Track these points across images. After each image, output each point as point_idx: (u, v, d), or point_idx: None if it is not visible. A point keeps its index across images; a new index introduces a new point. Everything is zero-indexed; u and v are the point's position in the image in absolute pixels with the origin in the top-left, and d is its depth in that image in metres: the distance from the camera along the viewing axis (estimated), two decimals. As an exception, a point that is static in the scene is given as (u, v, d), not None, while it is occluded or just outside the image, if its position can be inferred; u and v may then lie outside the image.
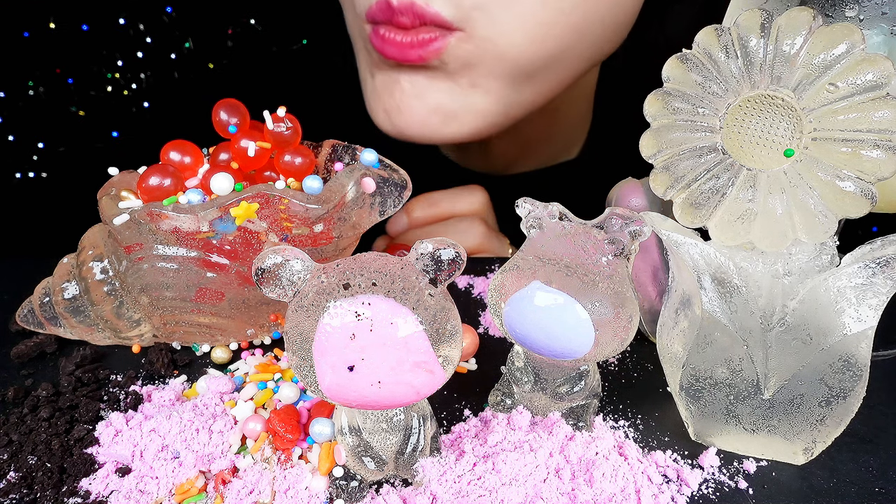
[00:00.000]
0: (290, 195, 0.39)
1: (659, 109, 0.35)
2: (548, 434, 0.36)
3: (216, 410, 0.39)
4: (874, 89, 0.30)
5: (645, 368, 0.45)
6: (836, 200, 0.31)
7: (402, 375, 0.28)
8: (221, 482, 0.35)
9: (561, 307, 0.32)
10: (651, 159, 0.35)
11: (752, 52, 0.32)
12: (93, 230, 0.45)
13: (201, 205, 0.39)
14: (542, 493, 0.33)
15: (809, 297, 0.33)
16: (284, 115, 0.44)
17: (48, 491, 0.34)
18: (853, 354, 0.33)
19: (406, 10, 0.50)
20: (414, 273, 0.29)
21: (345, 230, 0.42)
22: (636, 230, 0.33)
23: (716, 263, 0.34)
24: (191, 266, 0.41)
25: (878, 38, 0.34)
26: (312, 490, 0.34)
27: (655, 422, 0.40)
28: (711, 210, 0.34)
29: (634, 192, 0.42)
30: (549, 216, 0.34)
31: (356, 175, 0.42)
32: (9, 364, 0.45)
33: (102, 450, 0.37)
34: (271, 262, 0.29)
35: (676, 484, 0.35)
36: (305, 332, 0.28)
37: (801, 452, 0.36)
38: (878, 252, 0.32)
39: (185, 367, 0.45)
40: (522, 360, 0.38)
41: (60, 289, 0.43)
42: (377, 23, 0.53)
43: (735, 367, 0.35)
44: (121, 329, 0.44)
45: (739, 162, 0.33)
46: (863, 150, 0.30)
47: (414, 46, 0.51)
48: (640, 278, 0.44)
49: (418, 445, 0.33)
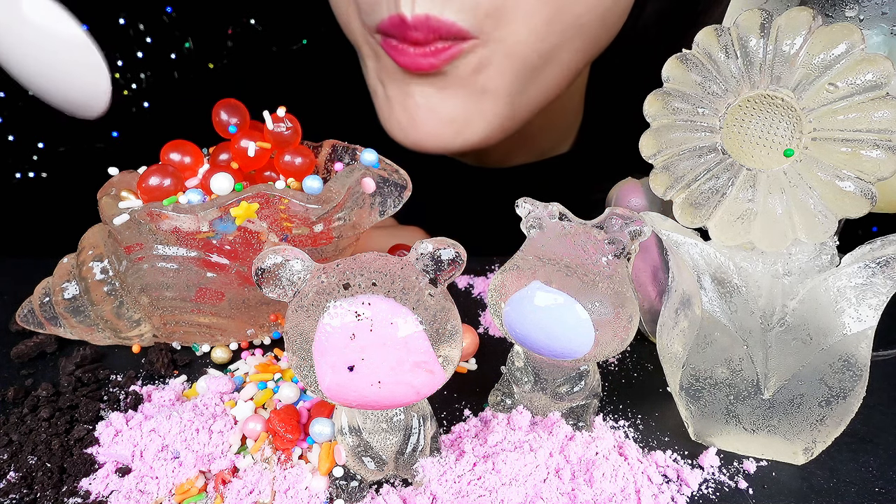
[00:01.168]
0: (290, 195, 0.39)
1: (659, 109, 0.35)
2: (548, 434, 0.36)
3: (216, 410, 0.39)
4: (874, 89, 0.30)
5: (645, 368, 0.45)
6: (836, 200, 0.31)
7: (402, 375, 0.28)
8: (221, 482, 0.35)
9: (561, 307, 0.32)
10: (651, 159, 0.35)
11: (752, 52, 0.32)
12: (93, 230, 0.45)
13: (201, 205, 0.39)
14: (542, 493, 0.33)
15: (809, 297, 0.33)
16: (284, 115, 0.44)
17: (48, 491, 0.34)
18: (853, 354, 0.33)
19: (421, 25, 0.50)
20: (414, 273, 0.29)
21: (345, 230, 0.43)
22: (636, 230, 0.33)
23: (716, 263, 0.34)
24: (191, 266, 0.41)
25: (878, 38, 0.34)
26: (312, 490, 0.34)
27: (655, 422, 0.40)
28: (711, 210, 0.34)
29: (634, 191, 0.42)
30: (549, 216, 0.34)
31: (356, 175, 0.42)
32: (9, 364, 0.45)
33: (102, 450, 0.37)
34: (271, 262, 0.29)
35: (676, 484, 0.35)
36: (305, 332, 0.28)
37: (801, 452, 0.36)
38: (878, 252, 0.32)
39: (185, 367, 0.45)
40: (522, 360, 0.38)
41: (60, 289, 0.43)
42: (389, 36, 0.53)
43: (735, 367, 0.35)
44: (121, 329, 0.44)
45: (739, 162, 0.33)
46: (862, 150, 0.30)
47: (427, 56, 0.52)
48: (640, 278, 0.44)
49: (418, 445, 0.33)
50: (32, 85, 0.40)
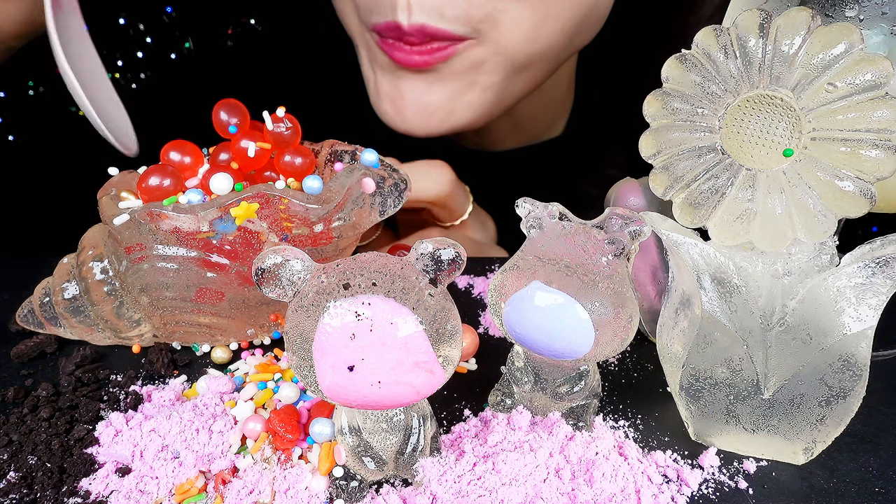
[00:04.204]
0: (290, 195, 0.39)
1: (658, 110, 0.35)
2: (548, 434, 0.36)
3: (216, 410, 0.39)
4: (873, 89, 0.30)
5: (645, 368, 0.45)
6: (836, 200, 0.31)
7: (402, 375, 0.28)
8: (221, 482, 0.35)
9: (561, 307, 0.32)
10: (650, 159, 0.35)
11: (751, 52, 0.32)
12: (93, 230, 0.45)
13: (201, 205, 0.39)
14: (542, 493, 0.33)
15: (809, 297, 0.33)
16: (284, 116, 0.44)
17: (48, 491, 0.34)
18: (853, 354, 0.33)
19: (416, 32, 0.53)
20: (414, 273, 0.29)
21: (345, 230, 0.42)
22: (636, 230, 0.33)
23: (715, 263, 0.34)
24: (191, 266, 0.41)
25: (877, 38, 0.34)
26: (312, 490, 0.34)
27: (655, 422, 0.40)
28: (711, 210, 0.34)
29: (633, 191, 0.42)
30: (549, 216, 0.34)
31: (356, 175, 0.42)
32: (9, 364, 0.45)
33: (102, 450, 0.37)
34: (271, 262, 0.29)
35: (676, 484, 0.36)
36: (305, 332, 0.28)
37: (801, 452, 0.36)
38: (877, 252, 0.32)
39: (185, 367, 0.45)
40: (522, 360, 0.38)
41: (60, 289, 0.43)
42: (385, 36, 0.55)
43: (735, 366, 0.35)
44: (121, 329, 0.44)
45: (738, 162, 0.33)
46: (862, 150, 0.30)
47: (423, 53, 0.54)
48: (640, 278, 0.44)
49: (418, 445, 0.33)
50: (91, 110, 0.42)
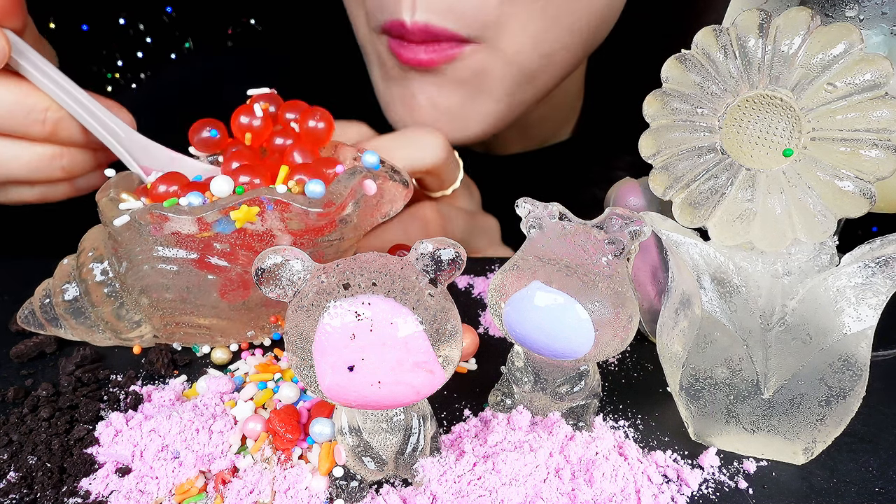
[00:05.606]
0: (291, 199, 0.39)
1: (658, 110, 0.35)
2: (548, 434, 0.36)
3: (216, 410, 0.39)
4: (873, 89, 0.30)
5: (645, 368, 0.45)
6: (835, 200, 0.31)
7: (402, 375, 0.28)
8: (221, 482, 0.35)
9: (561, 307, 0.32)
10: (650, 159, 0.35)
11: (751, 52, 0.32)
12: (93, 231, 0.45)
13: (201, 207, 0.39)
14: (542, 493, 0.33)
15: (809, 297, 0.33)
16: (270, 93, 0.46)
17: (48, 491, 0.34)
18: (853, 354, 0.33)
19: (419, 31, 0.53)
20: (414, 273, 0.29)
21: (346, 231, 0.42)
22: (636, 230, 0.33)
23: (715, 263, 0.34)
24: (191, 268, 0.41)
25: (877, 38, 0.34)
26: (312, 490, 0.34)
27: (655, 422, 0.40)
28: (710, 210, 0.34)
29: (633, 191, 0.42)
30: (549, 216, 0.34)
31: (358, 177, 0.42)
32: (9, 364, 0.45)
33: (102, 450, 0.37)
34: (271, 262, 0.29)
35: (676, 484, 0.36)
36: (305, 332, 0.28)
37: (801, 452, 0.36)
38: (877, 252, 0.32)
39: (185, 367, 0.45)
40: (522, 360, 0.38)
41: (61, 290, 0.43)
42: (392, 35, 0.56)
43: (735, 366, 0.35)
44: (121, 330, 0.44)
45: (738, 162, 0.33)
46: (861, 150, 0.30)
47: (428, 52, 0.55)
48: (640, 278, 0.44)
49: (418, 445, 0.33)
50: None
